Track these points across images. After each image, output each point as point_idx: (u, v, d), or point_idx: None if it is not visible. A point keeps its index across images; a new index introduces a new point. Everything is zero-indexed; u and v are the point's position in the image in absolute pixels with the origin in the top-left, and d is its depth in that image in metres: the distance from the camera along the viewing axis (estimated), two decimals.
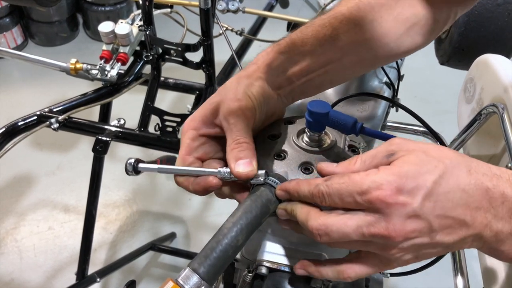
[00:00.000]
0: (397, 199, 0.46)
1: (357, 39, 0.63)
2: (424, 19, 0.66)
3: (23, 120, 1.23)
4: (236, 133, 0.59)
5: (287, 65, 0.64)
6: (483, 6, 1.17)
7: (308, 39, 0.63)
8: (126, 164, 0.64)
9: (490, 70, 1.06)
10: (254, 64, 0.65)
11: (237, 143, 0.58)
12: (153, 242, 1.86)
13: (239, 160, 0.57)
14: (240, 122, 0.59)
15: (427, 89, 2.79)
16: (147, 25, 1.25)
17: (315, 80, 0.66)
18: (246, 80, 0.63)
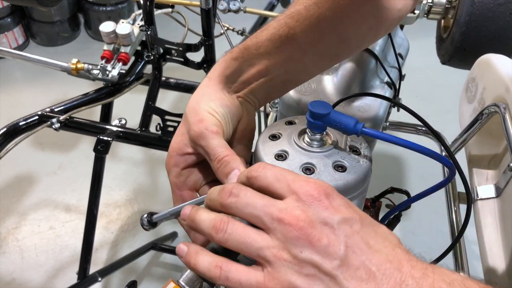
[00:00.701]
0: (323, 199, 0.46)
1: (315, 37, 0.62)
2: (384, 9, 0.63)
3: (24, 120, 1.23)
4: (212, 153, 0.58)
5: (242, 69, 0.64)
6: (485, 6, 1.16)
7: (263, 42, 0.62)
8: (142, 220, 0.64)
9: (492, 70, 1.06)
10: (207, 79, 0.65)
11: (217, 161, 0.58)
12: (154, 242, 1.86)
13: (228, 176, 0.57)
14: (211, 141, 0.59)
15: (429, 89, 2.79)
16: (148, 25, 1.25)
17: (275, 80, 0.65)
18: (202, 98, 0.63)
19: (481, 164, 1.16)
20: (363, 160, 0.61)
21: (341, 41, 0.63)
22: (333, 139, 0.62)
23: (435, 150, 0.57)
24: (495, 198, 1.05)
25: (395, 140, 0.57)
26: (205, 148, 0.59)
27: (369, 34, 0.65)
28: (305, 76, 0.69)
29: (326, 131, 0.62)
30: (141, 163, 2.31)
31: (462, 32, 1.21)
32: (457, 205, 1.18)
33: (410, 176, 2.28)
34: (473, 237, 1.07)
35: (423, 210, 1.92)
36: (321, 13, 0.59)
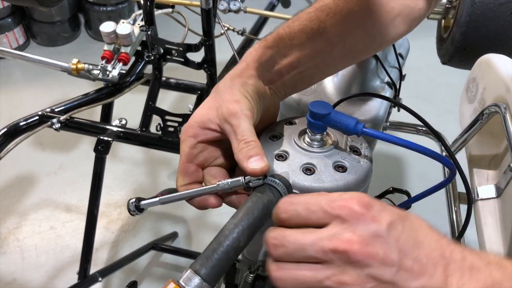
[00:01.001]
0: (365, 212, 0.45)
1: (344, 31, 0.63)
2: (408, 7, 0.66)
3: (25, 120, 1.23)
4: (241, 134, 0.58)
5: (276, 59, 0.64)
6: (485, 6, 1.17)
7: (296, 33, 0.63)
8: (128, 205, 0.64)
9: (493, 70, 1.06)
10: (243, 62, 0.64)
11: (245, 142, 0.57)
12: (154, 242, 1.86)
13: (250, 158, 0.56)
14: (243, 123, 0.58)
15: (429, 89, 2.78)
16: (149, 25, 1.25)
17: (305, 72, 0.66)
18: (239, 79, 0.62)
19: (482, 164, 1.16)
20: (364, 161, 0.61)
21: (367, 36, 0.65)
22: (333, 139, 0.63)
23: (435, 150, 0.57)
24: (496, 198, 1.05)
25: (396, 140, 0.57)
26: (234, 127, 0.58)
27: (391, 31, 0.66)
28: (332, 70, 0.71)
29: (327, 131, 0.62)
30: (142, 163, 2.32)
31: (463, 32, 1.21)
32: (457, 205, 1.18)
33: (411, 176, 2.28)
34: (473, 237, 1.07)
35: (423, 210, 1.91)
36: (350, 8, 0.61)
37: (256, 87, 0.63)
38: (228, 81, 0.63)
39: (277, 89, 0.67)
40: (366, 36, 0.65)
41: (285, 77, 0.66)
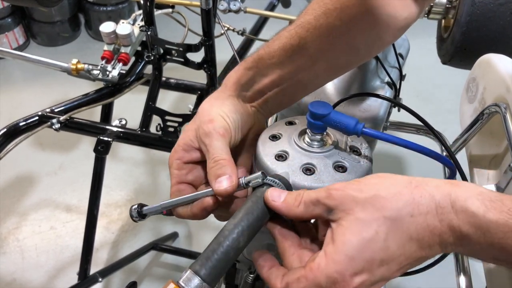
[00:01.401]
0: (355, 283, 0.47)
1: (325, 46, 0.62)
2: (392, 18, 0.64)
3: (25, 120, 1.23)
4: (212, 152, 0.60)
5: (255, 79, 0.65)
6: (485, 6, 1.16)
7: (275, 52, 0.63)
8: (131, 211, 0.65)
9: (493, 69, 1.06)
10: (223, 85, 0.67)
11: (214, 161, 0.59)
12: (155, 242, 1.86)
13: (217, 178, 0.58)
14: (215, 141, 0.61)
15: (429, 89, 2.78)
16: (148, 26, 1.25)
17: (288, 89, 0.66)
18: (217, 101, 0.65)
19: (482, 164, 1.16)
20: (364, 161, 0.61)
21: (350, 49, 0.64)
22: (333, 140, 0.62)
23: (436, 150, 0.57)
24: None
25: (396, 141, 0.57)
26: (207, 146, 0.61)
27: (376, 42, 0.65)
28: (316, 85, 0.70)
29: (327, 132, 0.62)
30: (142, 163, 2.32)
31: (463, 32, 1.21)
32: None
33: (411, 175, 2.27)
34: None
35: None
36: (330, 23, 0.60)
37: (234, 106, 0.65)
38: (207, 103, 0.66)
39: (260, 107, 0.68)
40: (349, 49, 0.64)
41: (267, 95, 0.67)
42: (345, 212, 0.48)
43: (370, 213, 0.47)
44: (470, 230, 0.44)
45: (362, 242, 0.46)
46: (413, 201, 0.46)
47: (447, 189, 0.46)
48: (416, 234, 0.46)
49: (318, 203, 0.50)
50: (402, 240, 0.46)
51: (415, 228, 0.46)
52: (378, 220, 0.46)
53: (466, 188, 0.46)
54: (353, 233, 0.47)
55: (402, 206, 0.46)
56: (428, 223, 0.46)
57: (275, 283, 0.51)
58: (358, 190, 0.48)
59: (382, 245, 0.46)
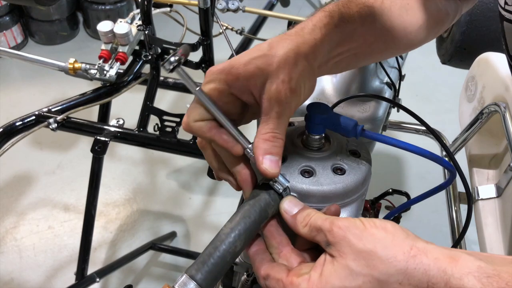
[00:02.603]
0: None
1: (387, 26, 0.62)
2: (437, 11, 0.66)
3: (21, 120, 1.22)
4: (276, 125, 0.53)
5: (334, 44, 0.59)
6: (485, 5, 1.16)
7: (354, 15, 0.60)
8: (167, 60, 0.50)
9: (492, 68, 1.05)
10: (312, 38, 0.56)
11: (273, 136, 0.53)
12: (153, 242, 1.86)
13: (268, 155, 0.53)
14: (284, 116, 0.54)
15: (428, 88, 2.78)
16: (146, 25, 1.24)
17: (344, 61, 0.63)
18: (304, 63, 0.54)
19: (482, 164, 1.16)
20: (363, 163, 0.61)
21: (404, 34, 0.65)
22: (332, 141, 0.62)
23: (436, 150, 0.56)
24: (496, 198, 1.05)
25: (395, 143, 0.56)
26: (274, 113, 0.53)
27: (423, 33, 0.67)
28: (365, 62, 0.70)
29: (325, 133, 0.61)
30: (140, 163, 2.31)
31: (463, 32, 1.21)
32: (457, 206, 1.18)
33: (410, 176, 2.27)
34: (473, 236, 1.06)
35: (423, 209, 1.92)
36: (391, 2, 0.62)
37: (312, 75, 0.57)
38: (293, 54, 0.53)
39: (324, 72, 0.62)
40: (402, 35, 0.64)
41: (330, 62, 0.61)
42: (339, 253, 0.47)
43: (360, 267, 0.46)
44: None
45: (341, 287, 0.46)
46: (406, 271, 0.45)
47: (444, 265, 0.44)
48: None
49: (320, 232, 0.50)
50: None
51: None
52: (366, 277, 0.46)
53: (464, 264, 0.44)
54: (339, 277, 0.46)
55: (393, 272, 0.45)
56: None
57: (259, 266, 0.51)
58: (358, 238, 0.47)
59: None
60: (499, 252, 0.97)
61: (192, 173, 2.26)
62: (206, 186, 2.20)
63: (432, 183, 0.60)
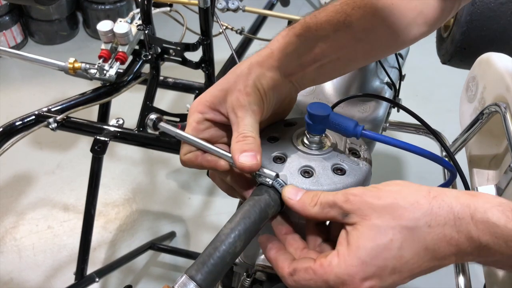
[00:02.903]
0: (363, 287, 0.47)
1: (369, 26, 0.62)
2: (431, 7, 0.65)
3: (21, 120, 1.22)
4: (242, 127, 0.58)
5: (301, 50, 0.62)
6: (486, 5, 1.16)
7: (322, 24, 0.61)
8: (148, 119, 0.63)
9: (493, 68, 1.05)
10: (268, 49, 0.62)
11: (243, 136, 0.57)
12: (152, 242, 1.86)
13: (243, 152, 0.56)
14: (248, 117, 0.58)
15: (429, 88, 2.78)
16: (146, 24, 1.24)
17: (326, 66, 0.64)
18: (258, 70, 0.61)
19: (482, 164, 1.15)
20: (363, 163, 0.60)
21: (390, 33, 0.64)
22: (332, 141, 0.62)
23: (436, 150, 0.56)
24: None
25: (396, 143, 0.56)
26: (238, 119, 0.58)
27: (414, 30, 0.65)
28: (353, 67, 0.69)
29: (325, 133, 0.61)
30: (140, 163, 2.31)
31: (463, 32, 1.20)
32: None
33: (410, 176, 2.27)
34: None
35: None
36: (374, 3, 0.60)
37: (273, 81, 0.61)
38: (247, 67, 0.61)
39: (296, 81, 0.65)
40: (389, 33, 0.63)
41: (307, 70, 0.64)
42: (361, 217, 0.48)
43: (387, 221, 0.47)
44: (490, 240, 0.44)
45: (376, 248, 0.46)
46: (431, 212, 0.46)
47: (466, 200, 0.45)
48: (432, 245, 0.46)
49: (334, 206, 0.50)
50: (417, 249, 0.46)
51: (431, 238, 0.46)
52: (395, 229, 0.46)
53: (486, 199, 0.45)
54: (368, 238, 0.47)
55: (420, 216, 0.46)
56: (445, 233, 0.46)
57: (283, 266, 0.51)
58: (376, 197, 0.48)
59: (396, 253, 0.46)
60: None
61: (191, 173, 2.26)
62: (206, 186, 2.20)
63: (432, 183, 0.60)
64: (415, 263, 0.47)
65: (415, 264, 0.47)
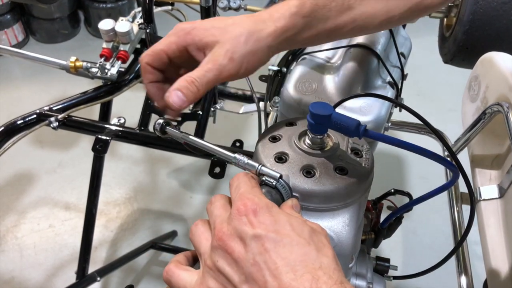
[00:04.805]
0: (248, 214, 0.47)
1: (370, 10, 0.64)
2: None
3: (22, 118, 1.21)
4: (199, 75, 0.59)
5: (302, 32, 0.63)
6: (488, 4, 1.15)
7: (331, 4, 0.63)
8: (155, 124, 0.65)
9: (495, 68, 1.05)
10: (273, 25, 0.62)
11: (192, 82, 0.59)
12: (154, 241, 1.85)
13: (178, 91, 0.58)
14: (212, 75, 0.59)
15: (431, 87, 2.77)
16: (148, 23, 1.24)
17: (313, 43, 0.66)
18: (253, 46, 0.61)
19: (484, 164, 1.15)
20: (365, 163, 0.60)
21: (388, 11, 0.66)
22: (334, 141, 0.61)
23: (437, 149, 0.56)
24: (498, 199, 1.04)
25: (398, 143, 0.56)
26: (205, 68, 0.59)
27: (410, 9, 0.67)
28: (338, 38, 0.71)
29: (327, 133, 0.61)
30: (141, 162, 2.31)
31: (465, 31, 1.20)
32: (459, 206, 1.17)
33: (412, 176, 2.27)
34: (475, 237, 1.06)
35: (424, 209, 1.91)
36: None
37: (258, 62, 0.62)
38: (245, 35, 0.60)
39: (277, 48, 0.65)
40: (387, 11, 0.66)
41: (296, 45, 0.65)
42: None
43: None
44: None
45: None
46: None
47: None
48: None
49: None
50: None
51: None
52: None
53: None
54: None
55: None
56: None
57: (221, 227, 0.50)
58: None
59: None
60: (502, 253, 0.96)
61: (193, 172, 2.26)
62: (207, 185, 2.20)
63: (434, 183, 0.60)
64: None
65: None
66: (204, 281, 0.47)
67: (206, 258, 0.48)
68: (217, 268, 0.46)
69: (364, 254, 0.78)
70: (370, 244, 0.83)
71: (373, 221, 0.82)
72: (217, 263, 0.46)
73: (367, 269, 0.75)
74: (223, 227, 0.47)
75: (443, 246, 1.92)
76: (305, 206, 0.58)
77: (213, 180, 2.16)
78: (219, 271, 0.46)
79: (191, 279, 0.49)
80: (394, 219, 0.78)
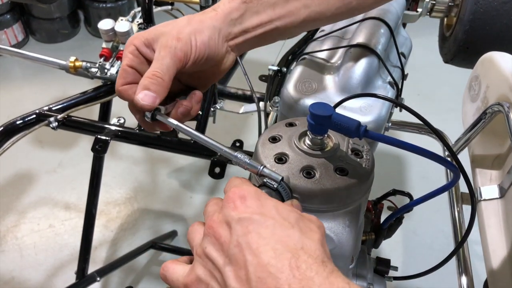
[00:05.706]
0: (236, 201, 0.49)
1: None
2: None
3: (22, 119, 1.21)
4: (158, 66, 0.59)
5: (247, 16, 0.64)
6: (489, 4, 1.15)
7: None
8: (146, 112, 0.64)
9: (496, 68, 1.05)
10: (213, 11, 0.64)
11: (153, 74, 0.58)
12: (154, 241, 1.85)
13: (146, 90, 0.58)
14: (168, 59, 0.59)
15: (431, 87, 2.77)
16: (147, 23, 1.24)
17: (270, 32, 0.66)
18: (197, 25, 0.62)
19: (485, 164, 1.15)
20: (365, 164, 0.60)
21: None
22: (334, 142, 0.61)
23: (438, 149, 0.56)
24: (499, 199, 1.04)
25: (399, 143, 0.55)
26: (159, 57, 0.59)
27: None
28: (295, 33, 0.71)
29: (328, 134, 0.61)
30: (141, 162, 2.30)
31: (466, 31, 1.20)
32: (460, 206, 1.17)
33: (412, 176, 2.27)
34: (475, 237, 1.06)
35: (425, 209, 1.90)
36: None
37: (208, 41, 0.62)
38: (187, 20, 0.62)
39: (235, 45, 0.66)
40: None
41: (249, 35, 0.65)
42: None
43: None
44: None
45: None
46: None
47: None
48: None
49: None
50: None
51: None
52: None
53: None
54: None
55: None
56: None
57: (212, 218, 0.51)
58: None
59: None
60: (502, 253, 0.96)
61: (193, 172, 2.25)
62: (207, 185, 2.20)
63: (434, 183, 0.60)
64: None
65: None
66: (193, 270, 0.48)
67: (197, 248, 0.49)
68: (205, 255, 0.47)
69: (365, 255, 0.78)
70: (371, 244, 0.83)
71: (374, 221, 0.82)
72: (205, 249, 0.47)
73: (367, 270, 0.75)
74: (214, 216, 0.49)
75: (443, 246, 1.91)
76: (305, 207, 0.57)
77: (213, 180, 2.16)
78: (207, 257, 0.47)
79: (183, 271, 0.50)
80: (395, 219, 0.78)
